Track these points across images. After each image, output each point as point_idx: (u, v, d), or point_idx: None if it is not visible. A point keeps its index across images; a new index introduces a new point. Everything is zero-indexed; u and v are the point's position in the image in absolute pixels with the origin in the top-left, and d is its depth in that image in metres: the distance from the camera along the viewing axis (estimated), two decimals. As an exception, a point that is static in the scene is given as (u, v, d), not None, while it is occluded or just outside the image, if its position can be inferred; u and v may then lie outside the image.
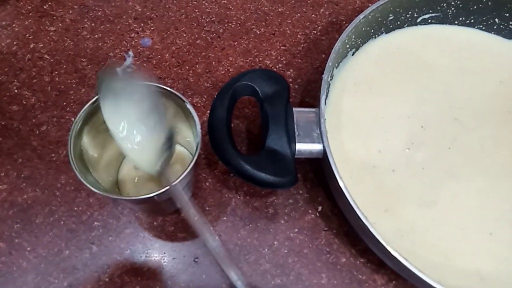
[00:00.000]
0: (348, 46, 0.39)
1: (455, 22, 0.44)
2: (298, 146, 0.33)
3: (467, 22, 0.44)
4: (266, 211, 0.38)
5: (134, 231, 0.36)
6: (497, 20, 0.43)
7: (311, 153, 0.33)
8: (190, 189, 0.36)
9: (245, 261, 0.36)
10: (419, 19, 0.44)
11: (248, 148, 0.41)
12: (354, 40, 0.39)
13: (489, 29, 0.44)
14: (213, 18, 0.48)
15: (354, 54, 0.41)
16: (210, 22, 0.48)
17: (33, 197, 0.37)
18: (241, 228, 0.37)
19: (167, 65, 0.45)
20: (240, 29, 0.48)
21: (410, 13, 0.42)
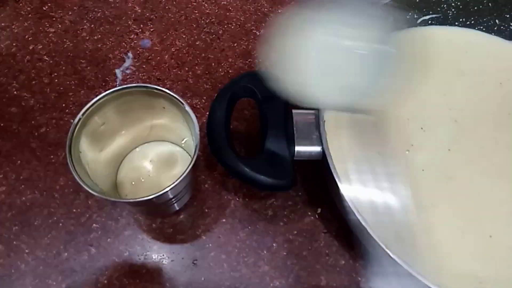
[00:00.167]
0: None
1: (455, 23, 0.44)
2: (297, 148, 0.33)
3: (468, 23, 0.44)
4: (265, 213, 0.38)
5: (132, 233, 0.36)
6: (497, 21, 0.43)
7: (310, 155, 0.33)
8: (189, 191, 0.36)
9: (244, 263, 0.35)
10: (419, 21, 0.43)
11: (247, 150, 0.40)
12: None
13: (489, 30, 0.44)
14: (212, 19, 0.48)
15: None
16: (210, 23, 0.48)
17: (31, 199, 0.37)
18: (240, 230, 0.37)
19: (167, 66, 0.45)
20: (239, 30, 0.48)
21: (410, 14, 0.42)
